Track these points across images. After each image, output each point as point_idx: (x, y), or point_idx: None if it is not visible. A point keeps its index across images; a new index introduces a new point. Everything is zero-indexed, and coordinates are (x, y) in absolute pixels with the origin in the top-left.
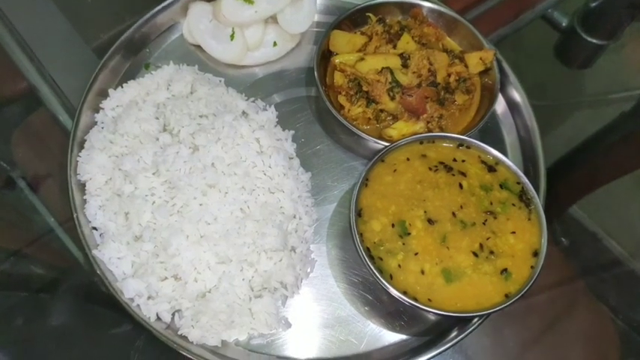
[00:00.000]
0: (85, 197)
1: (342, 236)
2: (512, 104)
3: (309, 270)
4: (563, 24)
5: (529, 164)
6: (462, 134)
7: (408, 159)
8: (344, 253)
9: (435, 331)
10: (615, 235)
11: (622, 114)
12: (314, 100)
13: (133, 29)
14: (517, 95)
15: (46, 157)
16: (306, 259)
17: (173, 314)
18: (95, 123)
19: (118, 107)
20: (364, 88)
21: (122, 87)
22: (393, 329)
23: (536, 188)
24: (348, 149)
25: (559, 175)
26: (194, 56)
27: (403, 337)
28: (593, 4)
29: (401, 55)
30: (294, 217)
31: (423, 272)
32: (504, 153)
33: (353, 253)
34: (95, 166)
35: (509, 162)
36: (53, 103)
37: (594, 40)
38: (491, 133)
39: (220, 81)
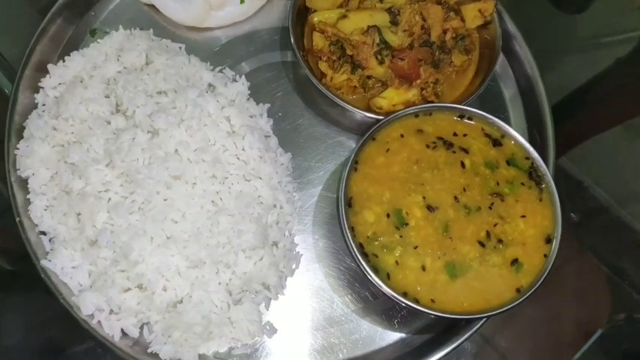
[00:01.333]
0: (28, 197)
1: (330, 224)
2: (514, 61)
3: (294, 266)
4: None
5: (534, 131)
6: (460, 100)
7: (402, 135)
8: (333, 243)
9: (438, 328)
10: (602, 183)
11: (617, 60)
12: (291, 66)
13: None
14: (521, 52)
15: None
16: (290, 253)
17: (141, 328)
18: (35, 105)
19: (60, 85)
20: (348, 52)
21: (64, 61)
22: (391, 327)
23: (545, 159)
24: (332, 123)
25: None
26: (148, 18)
27: (402, 335)
28: None
29: (389, 10)
30: (275, 206)
31: (424, 268)
32: (506, 118)
33: (343, 243)
34: (37, 160)
35: (517, 134)
36: None
37: None
38: (490, 95)
39: (180, 48)
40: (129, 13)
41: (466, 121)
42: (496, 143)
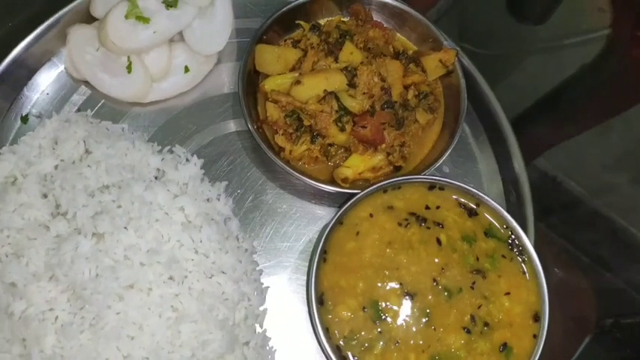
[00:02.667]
0: None
1: (305, 311)
2: (479, 109)
3: None
4: None
5: (510, 186)
6: (429, 159)
7: (371, 215)
8: (309, 334)
9: None
10: (574, 176)
11: (582, 66)
12: (248, 136)
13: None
14: (484, 98)
15: None
16: (264, 350)
17: None
18: None
19: None
20: (306, 122)
21: None
22: None
23: (522, 219)
24: (298, 195)
25: (520, 130)
26: (85, 95)
27: None
28: None
29: (345, 70)
30: (241, 300)
31: None
32: (477, 172)
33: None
34: None
35: (492, 202)
36: None
37: None
38: (458, 149)
39: (123, 129)
40: (63, 93)
41: (437, 191)
42: (472, 213)
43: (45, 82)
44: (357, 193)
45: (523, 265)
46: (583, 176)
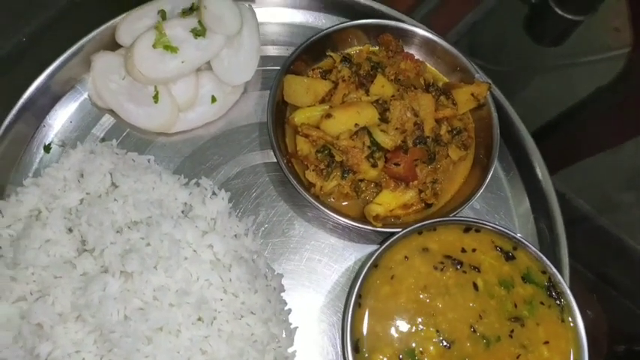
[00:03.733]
0: None
1: (334, 352)
2: (510, 143)
3: None
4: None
5: (542, 224)
6: (460, 195)
7: (406, 257)
8: None
9: None
10: (583, 194)
11: (598, 88)
12: (274, 168)
13: (23, 100)
14: (516, 132)
15: None
16: None
17: None
18: None
19: (16, 223)
20: (337, 158)
21: (16, 194)
22: None
23: (557, 261)
24: (326, 231)
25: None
26: (109, 124)
27: None
28: None
29: (376, 103)
30: (270, 342)
31: None
32: (508, 209)
33: None
34: None
35: (529, 245)
36: None
37: (569, 16)
38: (488, 184)
39: (149, 161)
40: (87, 121)
41: (474, 233)
42: (509, 257)
43: (68, 110)
44: (389, 232)
45: (561, 312)
46: (592, 194)
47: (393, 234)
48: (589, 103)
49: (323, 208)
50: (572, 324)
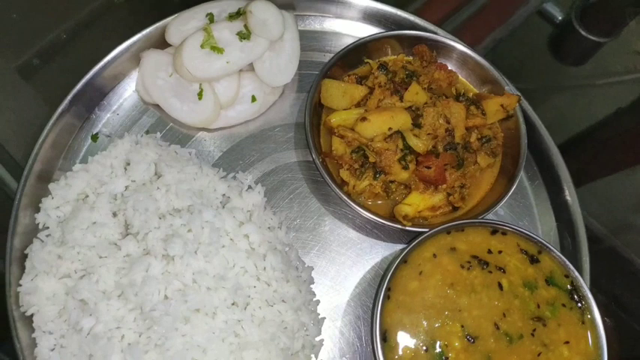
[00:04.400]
0: (34, 335)
1: (358, 342)
2: (537, 155)
3: None
4: (559, 18)
5: (564, 232)
6: (486, 201)
7: (434, 255)
8: None
9: None
10: (596, 214)
11: (618, 110)
12: (307, 166)
13: (75, 91)
14: (543, 144)
15: None
16: None
17: None
18: (36, 226)
19: (64, 205)
20: (371, 159)
21: (65, 177)
22: None
23: (580, 270)
24: (355, 228)
25: None
26: (154, 119)
27: None
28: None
29: (410, 109)
30: (299, 329)
31: None
32: (533, 217)
33: None
34: (42, 297)
35: (554, 249)
36: None
37: (593, 37)
38: (514, 193)
39: (190, 154)
40: (133, 114)
41: (500, 236)
42: (533, 260)
43: (116, 103)
44: (416, 232)
45: (582, 315)
46: (605, 215)
47: (420, 233)
48: (609, 123)
49: (355, 205)
50: (592, 326)
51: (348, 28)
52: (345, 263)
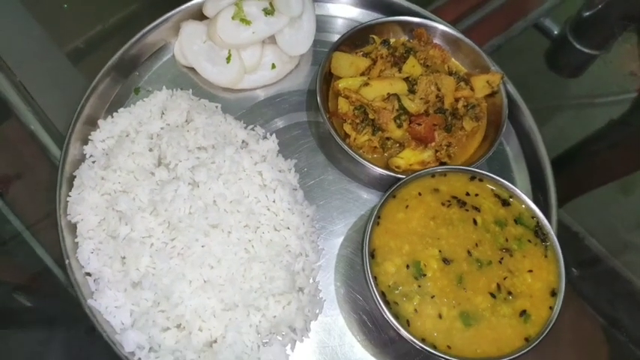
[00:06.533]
0: (76, 240)
1: (350, 272)
2: (518, 126)
3: (317, 311)
4: (555, 32)
5: (538, 193)
6: (470, 161)
7: (419, 194)
8: (353, 290)
9: None
10: (596, 233)
11: (610, 122)
12: (315, 126)
13: (122, 51)
14: (524, 120)
15: (33, 192)
16: (315, 299)
17: None
18: (84, 156)
19: (108, 139)
20: (370, 116)
21: (112, 117)
22: None
23: (548, 218)
24: (353, 179)
25: None
26: (187, 79)
27: None
28: (586, 14)
29: (407, 80)
30: (301, 254)
31: (440, 316)
32: (511, 178)
33: (362, 290)
34: (87, 207)
35: (523, 195)
36: (39, 132)
37: (586, 50)
38: (496, 155)
39: (217, 107)
40: (170, 74)
41: (477, 182)
42: (505, 203)
43: (156, 64)
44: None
45: (545, 250)
46: (605, 234)
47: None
48: (601, 135)
49: (355, 155)
50: (554, 260)
51: (357, 15)
52: (343, 207)
